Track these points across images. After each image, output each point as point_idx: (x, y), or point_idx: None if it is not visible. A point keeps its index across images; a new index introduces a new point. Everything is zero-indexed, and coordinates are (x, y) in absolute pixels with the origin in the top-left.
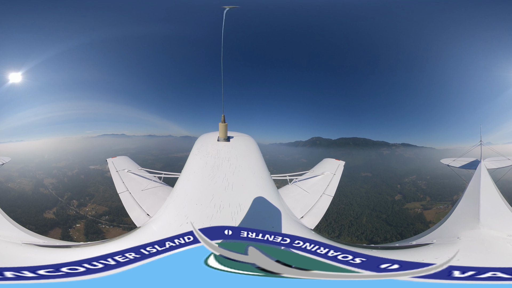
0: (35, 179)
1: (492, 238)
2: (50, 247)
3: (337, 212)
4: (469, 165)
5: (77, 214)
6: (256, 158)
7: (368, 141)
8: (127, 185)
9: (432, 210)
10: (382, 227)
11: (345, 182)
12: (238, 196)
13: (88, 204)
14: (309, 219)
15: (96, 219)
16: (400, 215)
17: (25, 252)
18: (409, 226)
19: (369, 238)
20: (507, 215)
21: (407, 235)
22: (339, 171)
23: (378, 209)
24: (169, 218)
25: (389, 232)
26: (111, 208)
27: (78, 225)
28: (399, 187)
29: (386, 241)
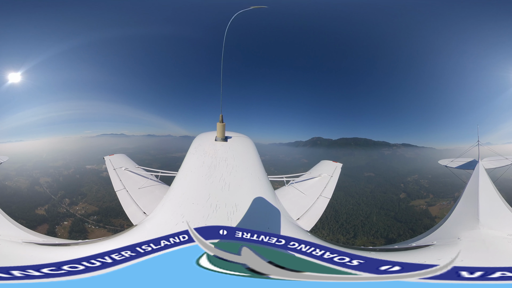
0: (32, 177)
1: (493, 238)
2: (49, 246)
3: (347, 213)
4: (467, 165)
5: (67, 212)
6: (253, 159)
7: (369, 142)
8: (124, 183)
9: (436, 206)
10: (393, 224)
11: (349, 182)
12: (235, 196)
13: (80, 203)
14: (306, 220)
15: (84, 218)
16: (407, 212)
17: (26, 250)
18: (418, 221)
19: (384, 235)
20: (507, 215)
21: (418, 229)
22: (336, 173)
23: (386, 208)
24: (165, 216)
25: (401, 228)
26: (101, 209)
27: (66, 223)
28: (402, 186)
29: (400, 237)
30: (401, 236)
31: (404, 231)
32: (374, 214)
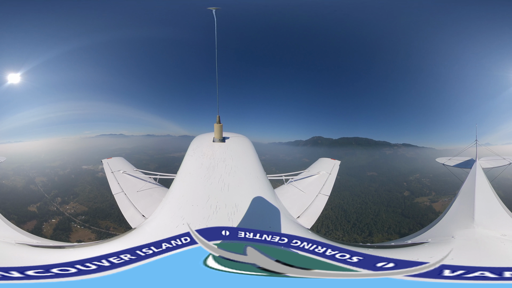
0: (28, 177)
1: (486, 237)
2: (43, 247)
3: (356, 212)
4: (465, 164)
5: (57, 210)
6: (252, 159)
7: (370, 141)
8: (122, 186)
9: (439, 202)
10: (402, 220)
11: (353, 181)
12: (234, 197)
13: (71, 202)
14: (306, 218)
15: (72, 217)
16: (413, 208)
17: (17, 252)
18: (424, 216)
19: (396, 231)
20: (502, 215)
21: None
22: (334, 171)
23: (392, 205)
24: (165, 219)
25: (410, 223)
26: (90, 209)
27: (54, 221)
28: (405, 184)
29: (411, 231)
30: (412, 230)
31: (414, 226)
32: (383, 212)
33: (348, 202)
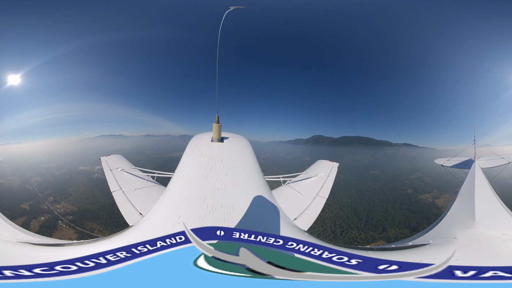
0: (24, 177)
1: (488, 237)
2: (44, 246)
3: (365, 209)
4: (463, 164)
5: (48, 209)
6: (250, 159)
7: (371, 140)
8: (120, 184)
9: (441, 199)
10: (409, 215)
11: (357, 180)
12: (231, 197)
13: (62, 202)
14: (303, 220)
15: (60, 216)
16: (418, 204)
17: (20, 250)
18: (429, 211)
19: (406, 225)
20: (502, 214)
21: (431, 217)
22: (332, 173)
23: (398, 202)
24: (161, 217)
25: (417, 217)
26: (79, 210)
27: (42, 218)
28: (408, 182)
29: (419, 225)
30: (420, 224)
31: (421, 220)
32: (391, 208)
33: (355, 201)
